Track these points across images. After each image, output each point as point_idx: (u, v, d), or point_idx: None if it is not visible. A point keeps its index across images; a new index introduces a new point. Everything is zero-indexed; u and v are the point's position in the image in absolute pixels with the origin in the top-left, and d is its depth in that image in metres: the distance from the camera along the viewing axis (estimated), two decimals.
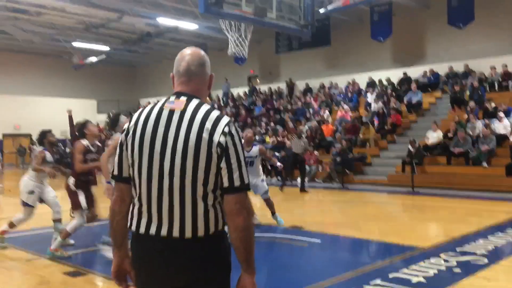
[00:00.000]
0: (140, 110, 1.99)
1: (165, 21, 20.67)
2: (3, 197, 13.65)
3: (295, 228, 7.61)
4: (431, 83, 18.40)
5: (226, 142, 1.83)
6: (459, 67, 17.86)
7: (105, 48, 25.47)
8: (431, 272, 5.02)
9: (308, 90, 22.38)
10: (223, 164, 1.83)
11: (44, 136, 6.57)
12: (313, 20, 9.37)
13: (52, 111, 27.19)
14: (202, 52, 2.05)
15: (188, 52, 2.03)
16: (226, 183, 1.84)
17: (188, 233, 1.83)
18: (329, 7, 13.58)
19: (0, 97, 28.77)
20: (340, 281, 4.77)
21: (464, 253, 5.80)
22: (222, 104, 25.14)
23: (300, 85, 23.31)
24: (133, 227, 1.92)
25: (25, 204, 6.29)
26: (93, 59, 25.10)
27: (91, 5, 19.39)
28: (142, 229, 1.89)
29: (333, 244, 6.76)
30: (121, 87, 33.42)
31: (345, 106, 18.80)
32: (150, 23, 22.10)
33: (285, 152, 16.88)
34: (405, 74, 19.08)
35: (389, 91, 18.79)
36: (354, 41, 21.35)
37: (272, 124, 19.96)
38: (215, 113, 1.89)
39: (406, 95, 17.85)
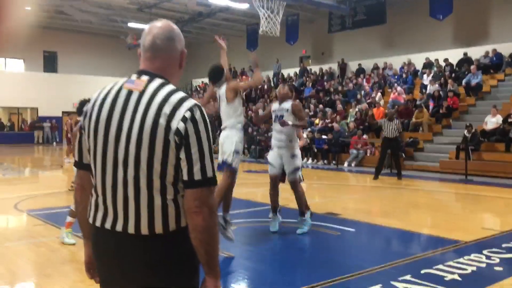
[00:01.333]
0: (100, 90, 1.80)
1: (216, 0, 20.57)
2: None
3: (331, 215, 7.31)
4: (493, 64, 17.21)
5: (186, 129, 1.59)
6: None
7: None
8: (469, 270, 4.62)
9: (360, 71, 21.63)
10: (182, 155, 1.60)
11: (84, 105, 5.47)
12: None
13: None
14: (173, 26, 1.81)
15: (156, 24, 1.79)
16: (185, 177, 1.62)
17: (144, 230, 1.63)
18: None
19: (59, 76, 30.00)
20: (366, 275, 4.47)
21: (510, 250, 5.31)
22: (272, 85, 24.85)
23: (353, 66, 22.57)
24: (91, 219, 1.76)
25: None
26: None
27: None
28: (98, 222, 1.72)
29: (367, 234, 6.42)
30: None
31: (399, 88, 17.99)
32: (202, 3, 22.05)
33: (332, 135, 16.47)
34: (465, 54, 17.96)
35: (447, 72, 17.77)
36: (411, 19, 20.32)
37: (321, 106, 19.49)
38: (177, 95, 1.65)
39: (465, 77, 16.81)
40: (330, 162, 16.45)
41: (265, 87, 24.41)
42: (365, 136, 16.06)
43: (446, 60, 18.44)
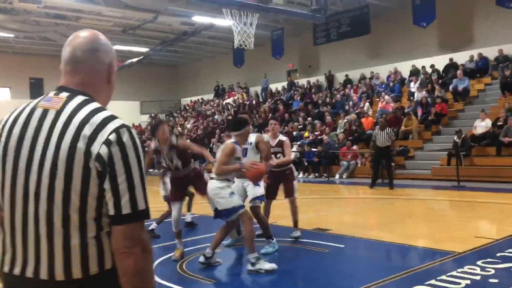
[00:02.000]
0: (13, 110, 1.56)
1: (200, 19, 20.50)
2: None
3: (319, 231, 7.05)
4: (479, 69, 17.15)
5: (110, 155, 1.35)
6: (510, 50, 16.51)
7: (144, 49, 25.71)
8: (463, 283, 4.38)
9: (348, 81, 21.55)
10: (106, 185, 1.36)
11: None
12: (326, 4, 8.70)
13: None
14: (99, 35, 1.57)
15: (78, 34, 1.55)
16: (111, 211, 1.37)
17: (60, 275, 1.38)
18: None
19: None
20: None
21: (505, 259, 5.08)
22: (261, 100, 24.71)
23: (340, 77, 22.50)
24: None
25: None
26: (133, 60, 25.39)
27: (126, 7, 19.48)
28: (6, 267, 1.46)
29: (357, 249, 6.16)
30: (163, 88, 33.71)
31: (386, 97, 17.87)
32: (186, 22, 21.98)
33: (322, 147, 16.28)
34: (451, 60, 17.90)
35: (434, 77, 17.68)
36: (395, 28, 20.32)
37: (310, 119, 19.32)
38: (102, 115, 1.41)
39: (452, 83, 16.73)
40: (321, 175, 16.21)
41: (254, 102, 24.27)
42: (355, 147, 15.87)
43: (432, 66, 18.39)
